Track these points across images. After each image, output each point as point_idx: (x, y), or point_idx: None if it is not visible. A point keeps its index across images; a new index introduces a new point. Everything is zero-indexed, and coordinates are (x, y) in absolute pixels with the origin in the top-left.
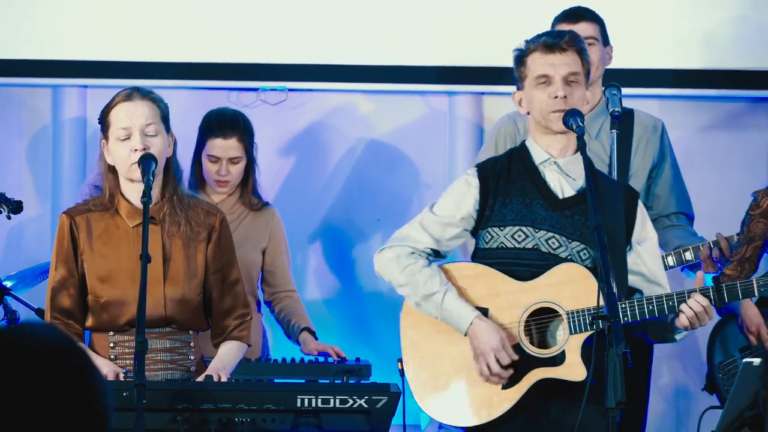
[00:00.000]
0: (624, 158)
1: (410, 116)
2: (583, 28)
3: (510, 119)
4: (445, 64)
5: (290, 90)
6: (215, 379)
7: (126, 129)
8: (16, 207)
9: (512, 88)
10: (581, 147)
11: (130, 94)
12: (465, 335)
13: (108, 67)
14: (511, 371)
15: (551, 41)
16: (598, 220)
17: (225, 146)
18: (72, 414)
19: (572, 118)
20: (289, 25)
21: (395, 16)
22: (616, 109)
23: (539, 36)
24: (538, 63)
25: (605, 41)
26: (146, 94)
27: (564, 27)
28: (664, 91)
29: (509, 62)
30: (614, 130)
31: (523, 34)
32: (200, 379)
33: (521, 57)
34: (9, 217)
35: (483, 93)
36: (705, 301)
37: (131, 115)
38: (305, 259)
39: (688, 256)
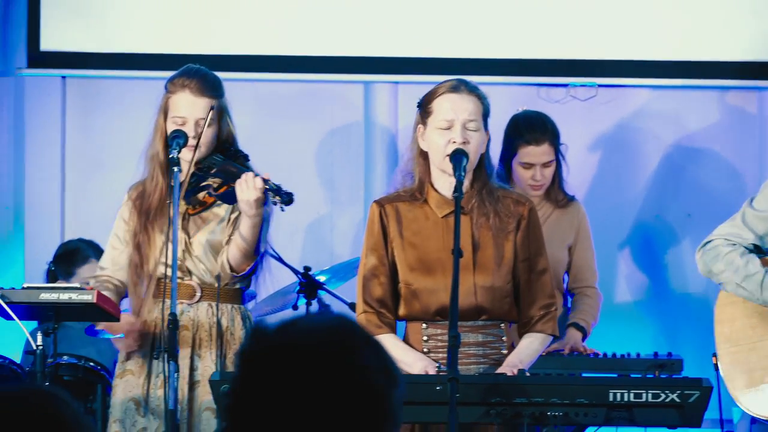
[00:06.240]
0: None
1: (719, 112)
2: None
3: None
4: (754, 59)
5: (600, 86)
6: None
7: (449, 120)
8: (287, 199)
9: None
10: None
11: (458, 86)
12: None
13: (419, 63)
14: None
15: None
16: None
17: (538, 153)
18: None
19: None
20: (599, 21)
21: (699, 10)
22: None
23: None
24: None
25: None
26: (472, 89)
27: None
28: None
29: None
30: None
31: None
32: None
33: None
34: (282, 209)
35: None
36: None
37: (456, 108)
38: (616, 258)
39: None
